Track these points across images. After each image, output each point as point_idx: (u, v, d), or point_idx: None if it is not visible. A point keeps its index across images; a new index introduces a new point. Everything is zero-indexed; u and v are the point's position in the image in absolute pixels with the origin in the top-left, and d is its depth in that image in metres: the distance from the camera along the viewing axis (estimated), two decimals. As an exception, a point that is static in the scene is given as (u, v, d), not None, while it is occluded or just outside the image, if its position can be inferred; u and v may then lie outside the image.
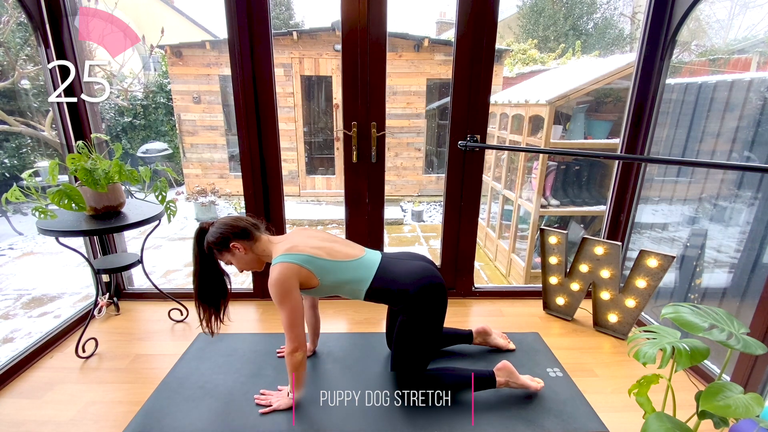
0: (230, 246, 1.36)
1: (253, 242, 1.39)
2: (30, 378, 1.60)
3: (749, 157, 2.14)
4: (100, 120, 2.07)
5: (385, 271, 1.39)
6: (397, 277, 1.38)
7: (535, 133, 4.08)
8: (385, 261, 1.44)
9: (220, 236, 1.35)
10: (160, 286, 2.04)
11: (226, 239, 1.35)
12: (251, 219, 1.44)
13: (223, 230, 1.35)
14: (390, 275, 1.38)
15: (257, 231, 1.41)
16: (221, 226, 1.37)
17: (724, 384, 0.96)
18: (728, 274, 2.17)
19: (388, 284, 1.37)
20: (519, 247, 4.38)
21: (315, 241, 1.40)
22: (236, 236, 1.36)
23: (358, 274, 1.38)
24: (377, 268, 1.40)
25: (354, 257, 1.40)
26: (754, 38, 4.14)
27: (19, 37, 5.28)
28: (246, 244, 1.37)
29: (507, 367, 1.47)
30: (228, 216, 1.42)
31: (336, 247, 1.41)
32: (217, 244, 1.36)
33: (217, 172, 7.62)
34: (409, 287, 1.34)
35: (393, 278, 1.37)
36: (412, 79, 7.14)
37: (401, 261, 1.46)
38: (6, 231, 5.40)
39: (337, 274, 1.36)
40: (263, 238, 1.42)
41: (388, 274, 1.39)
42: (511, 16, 12.01)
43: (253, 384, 1.54)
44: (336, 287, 1.39)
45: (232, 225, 1.37)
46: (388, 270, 1.40)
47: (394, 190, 7.69)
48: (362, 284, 1.37)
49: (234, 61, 1.88)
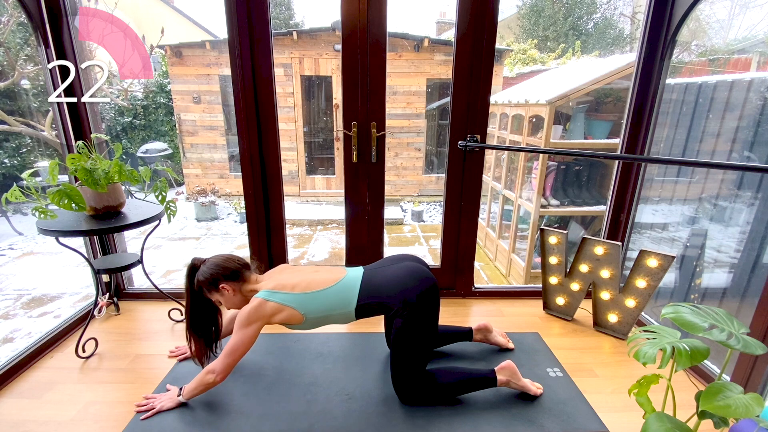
0: (219, 287, 1.38)
1: (242, 283, 1.41)
2: (30, 378, 1.59)
3: (749, 157, 2.14)
4: (100, 120, 2.07)
5: (369, 285, 1.40)
6: (382, 289, 1.38)
7: (535, 133, 4.08)
8: (368, 274, 1.44)
9: (211, 276, 1.38)
10: (160, 286, 2.04)
11: (215, 280, 1.38)
12: (241, 260, 1.46)
13: (214, 271, 1.38)
14: (375, 288, 1.39)
15: (247, 271, 1.44)
16: (212, 266, 1.39)
17: (724, 384, 0.96)
18: (728, 274, 2.17)
19: (374, 298, 1.37)
20: (519, 247, 4.38)
21: (296, 277, 1.41)
22: (226, 278, 1.39)
23: (340, 296, 1.38)
24: (360, 284, 1.40)
25: (334, 281, 1.40)
26: (754, 38, 4.14)
27: (19, 37, 5.28)
28: (235, 286, 1.40)
29: (510, 366, 1.47)
30: (219, 256, 1.44)
31: (316, 277, 1.42)
32: (207, 284, 1.39)
33: (217, 172, 7.62)
34: (396, 296, 1.35)
35: (378, 290, 1.38)
36: (412, 79, 7.14)
37: (384, 269, 1.46)
38: (6, 231, 5.40)
39: (319, 303, 1.36)
40: (252, 278, 1.44)
41: (373, 288, 1.39)
42: (511, 16, 12.02)
43: (254, 384, 1.54)
44: (324, 318, 1.39)
45: (222, 266, 1.39)
46: (372, 283, 1.40)
47: (394, 190, 7.69)
48: (349, 305, 1.38)
49: (234, 61, 1.88)
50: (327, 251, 5.37)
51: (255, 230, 2.13)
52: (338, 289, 1.39)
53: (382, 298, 1.37)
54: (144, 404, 1.41)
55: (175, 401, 1.39)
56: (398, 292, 1.35)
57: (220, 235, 5.89)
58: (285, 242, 2.22)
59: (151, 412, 1.38)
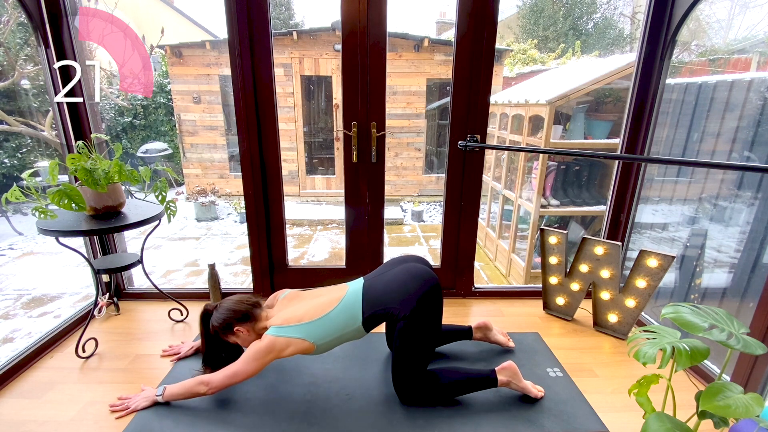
0: (234, 330, 1.43)
1: (254, 323, 1.45)
2: (30, 378, 1.59)
3: (749, 157, 2.14)
4: (100, 120, 2.07)
5: (371, 295, 1.41)
6: (383, 297, 1.39)
7: (535, 133, 4.08)
8: (368, 285, 1.45)
9: (224, 321, 1.43)
10: (160, 286, 2.04)
11: (229, 325, 1.43)
12: (251, 299, 1.50)
13: (227, 316, 1.43)
14: (377, 298, 1.39)
15: (257, 310, 1.47)
16: (225, 311, 1.44)
17: (724, 384, 0.96)
18: (728, 274, 2.17)
19: (378, 307, 1.38)
20: (519, 247, 4.38)
21: (303, 307, 1.43)
22: (239, 320, 1.43)
23: (346, 315, 1.38)
24: (362, 297, 1.41)
25: (336, 302, 1.41)
26: (754, 38, 4.14)
27: (19, 37, 5.28)
28: (248, 326, 1.44)
29: (511, 367, 1.46)
30: (230, 300, 1.48)
31: (319, 302, 1.43)
32: (222, 329, 1.44)
33: (217, 172, 7.63)
34: (398, 301, 1.35)
35: (380, 299, 1.39)
36: (412, 79, 7.14)
37: (383, 275, 1.47)
38: (6, 231, 5.40)
39: (325, 328, 1.37)
40: (262, 315, 1.47)
41: (375, 298, 1.39)
42: (511, 16, 12.02)
43: (254, 383, 1.53)
44: (335, 339, 1.40)
45: (234, 310, 1.44)
46: (373, 293, 1.41)
47: (394, 190, 7.69)
48: (355, 321, 1.38)
49: (234, 61, 1.88)
50: (327, 251, 5.37)
51: (255, 230, 2.13)
52: (341, 309, 1.39)
53: (385, 306, 1.37)
54: (117, 405, 1.42)
55: (150, 400, 1.41)
56: (399, 297, 1.36)
57: (220, 235, 5.89)
58: (285, 242, 2.22)
59: (125, 411, 1.39)
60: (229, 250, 5.31)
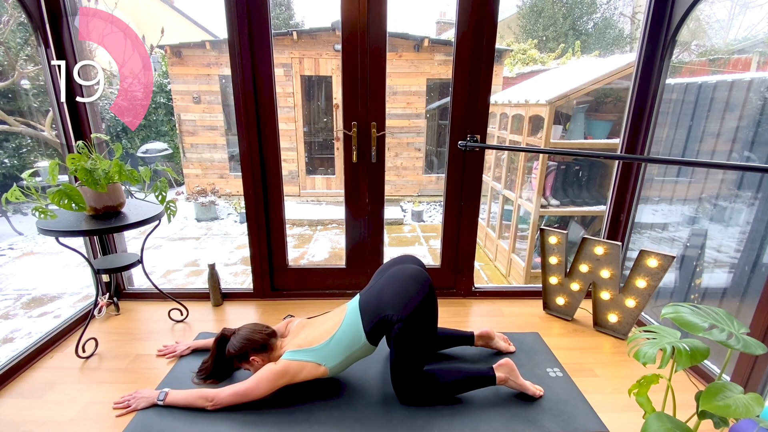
0: (250, 360, 1.45)
1: (269, 352, 1.47)
2: (30, 378, 1.59)
3: (749, 157, 2.14)
4: (100, 120, 2.07)
5: (367, 309, 1.42)
6: (377, 307, 1.39)
7: (535, 133, 4.08)
8: (363, 299, 1.47)
9: (241, 350, 1.45)
10: (160, 286, 2.04)
11: (246, 354, 1.45)
12: (268, 328, 1.52)
13: (244, 344, 1.46)
14: (373, 310, 1.40)
15: (273, 339, 1.50)
16: (242, 340, 1.46)
17: (724, 384, 0.96)
18: (728, 274, 2.17)
19: (375, 319, 1.38)
20: (519, 247, 4.38)
21: (313, 333, 1.46)
22: (255, 351, 1.45)
23: (350, 334, 1.40)
24: (360, 313, 1.42)
25: (339, 323, 1.43)
26: (754, 38, 4.14)
27: (19, 37, 5.28)
28: (264, 356, 1.46)
29: (508, 363, 1.47)
30: (248, 328, 1.51)
31: (326, 326, 1.45)
32: (238, 356, 1.47)
33: (217, 172, 7.62)
34: (391, 308, 1.36)
35: (376, 310, 1.39)
36: (412, 79, 7.14)
37: (375, 286, 1.49)
38: (6, 231, 5.40)
39: (333, 350, 1.40)
40: (277, 344, 1.50)
41: (371, 310, 1.41)
42: (511, 16, 12.02)
43: (253, 384, 1.53)
44: (346, 359, 1.41)
45: (251, 339, 1.46)
46: (369, 306, 1.42)
47: (394, 190, 7.69)
48: (360, 338, 1.39)
49: (234, 61, 1.88)
50: (327, 251, 5.37)
51: (255, 230, 2.13)
52: (345, 329, 1.41)
53: (381, 316, 1.37)
54: (121, 402, 1.43)
55: (150, 402, 1.42)
56: (391, 303, 1.37)
57: (220, 235, 5.89)
58: (285, 242, 2.22)
59: (127, 410, 1.40)
60: (229, 250, 5.31)
